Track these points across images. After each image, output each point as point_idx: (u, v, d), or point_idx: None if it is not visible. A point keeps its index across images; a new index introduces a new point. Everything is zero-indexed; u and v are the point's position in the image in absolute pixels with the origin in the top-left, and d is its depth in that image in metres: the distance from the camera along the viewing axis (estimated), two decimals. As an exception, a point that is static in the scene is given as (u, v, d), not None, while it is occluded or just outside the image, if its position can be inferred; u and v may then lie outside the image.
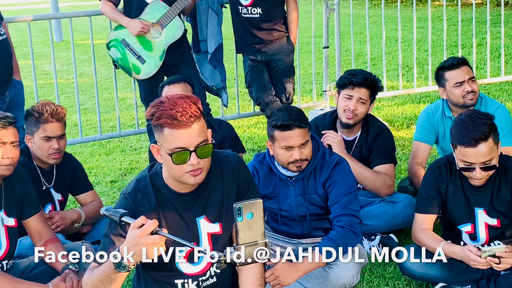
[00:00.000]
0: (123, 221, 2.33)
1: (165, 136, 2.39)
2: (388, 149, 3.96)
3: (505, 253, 2.93)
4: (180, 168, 2.42)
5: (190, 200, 2.57)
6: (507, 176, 3.17)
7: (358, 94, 3.90)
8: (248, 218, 2.14)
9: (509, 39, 8.77)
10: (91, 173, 5.46)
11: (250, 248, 2.16)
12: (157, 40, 4.74)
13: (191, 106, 2.38)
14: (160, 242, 2.25)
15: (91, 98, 8.26)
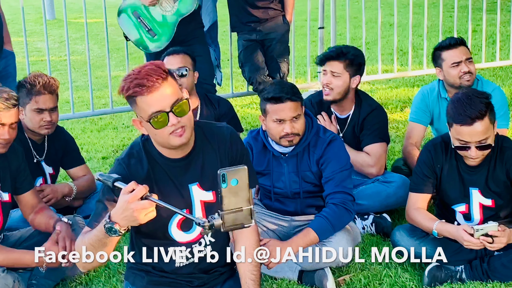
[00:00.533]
0: (115, 186, 2.34)
1: (139, 105, 2.40)
2: (377, 127, 3.92)
3: (497, 232, 2.93)
4: (163, 132, 2.42)
5: (182, 166, 2.57)
6: (503, 157, 3.16)
7: (329, 67, 3.89)
8: (233, 184, 2.14)
9: (504, 26, 8.75)
10: (83, 149, 5.42)
11: (234, 214, 2.16)
12: (169, 14, 4.66)
13: (156, 69, 2.39)
14: (150, 208, 2.26)
15: (83, 76, 8.20)
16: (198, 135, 2.60)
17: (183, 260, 2.65)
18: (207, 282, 2.73)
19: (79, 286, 3.35)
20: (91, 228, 2.45)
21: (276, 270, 3.25)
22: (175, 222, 2.60)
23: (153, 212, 2.29)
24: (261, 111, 3.40)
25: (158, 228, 2.58)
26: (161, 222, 2.57)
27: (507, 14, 8.40)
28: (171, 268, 2.66)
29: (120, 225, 2.29)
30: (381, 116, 3.99)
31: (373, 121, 3.93)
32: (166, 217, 2.56)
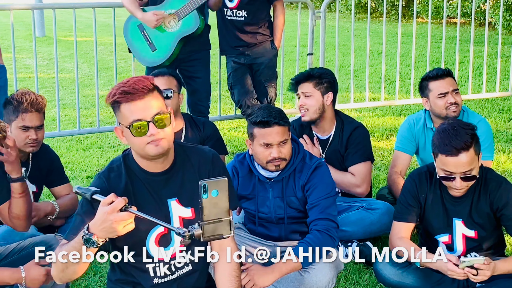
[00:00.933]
0: (94, 198, 2.36)
1: (122, 112, 2.46)
2: (361, 146, 3.99)
3: (483, 265, 2.93)
4: (141, 140, 2.46)
5: (161, 180, 2.59)
6: (487, 188, 3.17)
7: (300, 90, 4.05)
8: (213, 195, 2.18)
9: (491, 58, 8.85)
10: (68, 168, 5.39)
11: (214, 225, 2.19)
12: (171, 31, 4.72)
13: (143, 80, 2.47)
14: (128, 219, 2.29)
15: (70, 94, 8.18)
16: (180, 154, 2.63)
17: (161, 275, 2.64)
18: None
19: (58, 305, 3.31)
20: (68, 241, 2.45)
21: (257, 297, 3.23)
22: (153, 238, 2.60)
23: (131, 224, 2.31)
24: (248, 135, 3.40)
25: (136, 244, 2.58)
26: (139, 238, 2.57)
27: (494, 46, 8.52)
28: (150, 285, 2.64)
29: (98, 236, 2.30)
30: (364, 134, 4.06)
31: (357, 140, 3.99)
32: (144, 232, 2.57)
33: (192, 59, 4.83)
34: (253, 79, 5.17)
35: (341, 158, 4.02)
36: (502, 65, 7.58)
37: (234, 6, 5.02)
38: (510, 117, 6.71)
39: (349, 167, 3.99)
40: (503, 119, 6.63)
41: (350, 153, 3.98)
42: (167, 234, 2.60)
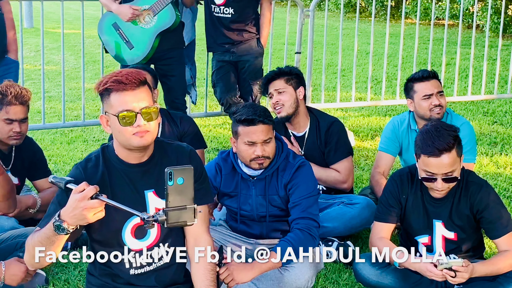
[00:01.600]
0: (67, 187, 2.41)
1: (111, 101, 2.50)
2: (341, 143, 4.07)
3: (461, 267, 2.95)
4: (127, 130, 2.50)
5: (139, 172, 2.62)
6: (468, 191, 3.19)
7: (273, 87, 4.09)
8: (179, 183, 2.23)
9: (478, 61, 8.90)
10: (51, 161, 5.37)
11: (178, 212, 2.24)
12: (147, 27, 4.68)
13: (136, 73, 2.52)
14: (99, 207, 2.34)
15: (56, 86, 8.14)
16: (158, 148, 2.66)
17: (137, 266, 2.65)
18: None
19: (37, 299, 3.31)
20: (41, 228, 2.49)
21: (236, 295, 3.24)
22: (129, 229, 2.62)
23: (102, 212, 2.36)
24: (232, 133, 3.41)
25: (112, 235, 2.61)
26: (115, 229, 2.60)
27: (481, 49, 8.58)
28: (127, 276, 2.66)
29: (69, 223, 2.35)
30: (341, 129, 4.14)
31: (336, 137, 4.07)
32: (119, 223, 2.60)
33: (167, 58, 4.81)
34: (238, 77, 5.18)
35: (320, 153, 4.08)
36: (488, 68, 7.62)
37: (222, 3, 5.02)
38: (494, 120, 6.75)
39: (332, 165, 4.05)
40: (487, 121, 6.67)
41: (331, 151, 4.04)
42: (143, 225, 2.60)
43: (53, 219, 2.37)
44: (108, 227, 2.56)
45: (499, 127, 6.48)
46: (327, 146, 4.06)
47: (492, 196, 3.20)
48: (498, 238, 3.16)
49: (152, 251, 2.67)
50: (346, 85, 8.17)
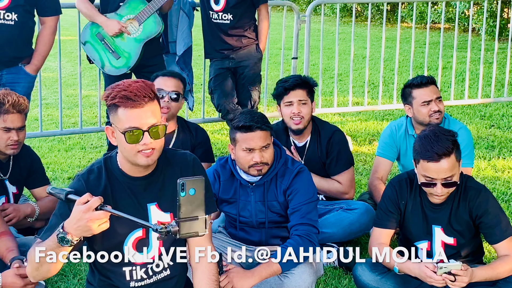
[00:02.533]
0: (69, 198, 2.39)
1: (119, 116, 2.46)
2: (342, 154, 4.05)
3: (460, 271, 2.95)
4: (133, 148, 2.48)
5: (142, 185, 2.60)
6: (466, 196, 3.19)
7: (296, 97, 3.99)
8: (191, 194, 2.23)
9: (474, 64, 8.93)
10: (49, 169, 5.36)
11: (190, 222, 2.24)
12: (133, 36, 4.67)
13: (146, 88, 2.46)
14: (104, 218, 2.32)
15: (54, 93, 8.13)
16: (162, 158, 2.63)
17: (137, 279, 2.64)
18: None
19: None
20: (43, 240, 2.46)
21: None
22: (131, 242, 2.61)
23: (106, 223, 2.34)
24: (230, 140, 3.40)
25: (113, 247, 2.59)
26: (117, 241, 2.59)
27: (477, 52, 8.60)
28: None
29: (73, 235, 2.33)
30: (342, 139, 4.12)
31: (337, 147, 4.05)
32: (122, 235, 2.58)
33: (150, 65, 4.78)
34: (236, 83, 5.17)
35: (320, 164, 4.06)
36: (485, 71, 7.64)
37: (220, 9, 5.01)
38: (491, 123, 6.77)
39: (334, 176, 4.04)
40: (484, 125, 6.68)
41: (333, 162, 4.03)
42: (145, 238, 2.60)
43: (57, 231, 2.35)
44: (110, 239, 2.54)
45: (497, 131, 6.49)
46: (328, 156, 4.04)
47: (491, 201, 3.20)
48: (498, 243, 3.16)
49: (153, 264, 2.65)
50: (343, 89, 8.18)
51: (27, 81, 4.49)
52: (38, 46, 4.47)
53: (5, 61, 4.37)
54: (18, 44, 4.38)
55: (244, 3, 5.03)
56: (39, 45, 4.47)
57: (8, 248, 3.20)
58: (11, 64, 4.39)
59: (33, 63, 4.47)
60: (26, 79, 4.47)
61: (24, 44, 4.43)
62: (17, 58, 4.41)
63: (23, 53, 4.43)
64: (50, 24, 4.48)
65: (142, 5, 4.62)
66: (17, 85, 4.41)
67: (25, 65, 4.44)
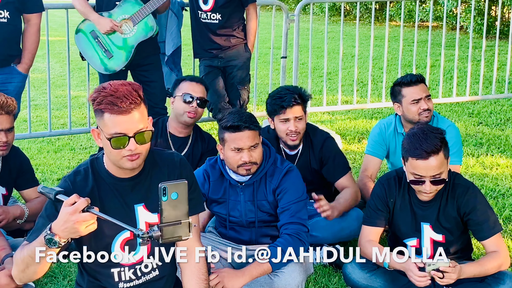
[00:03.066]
0: (57, 198, 2.37)
1: (105, 121, 2.44)
2: (339, 158, 4.01)
3: (448, 268, 2.97)
4: (118, 153, 2.47)
5: (129, 186, 2.60)
6: (454, 193, 3.21)
7: (292, 114, 3.91)
8: (173, 198, 2.21)
9: (462, 62, 8.97)
10: (38, 170, 5.35)
11: (173, 227, 2.23)
12: (127, 36, 4.66)
13: (132, 93, 2.44)
14: (91, 220, 2.31)
15: (42, 95, 8.11)
16: (149, 159, 2.63)
17: (126, 279, 2.64)
18: None
19: (27, 311, 3.29)
20: (30, 242, 2.45)
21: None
22: (119, 243, 2.60)
23: (94, 225, 2.33)
24: (219, 140, 3.41)
25: (102, 249, 2.59)
26: (105, 242, 2.58)
27: (466, 50, 8.62)
28: None
29: (60, 237, 2.32)
30: (335, 145, 4.09)
31: (332, 153, 4.01)
32: (109, 237, 2.58)
33: (146, 64, 4.80)
34: (226, 82, 5.17)
35: (312, 172, 4.02)
36: (473, 69, 7.68)
37: (209, 9, 5.01)
38: (479, 121, 6.81)
39: (336, 181, 3.99)
40: (472, 123, 6.72)
41: (331, 169, 3.99)
42: (133, 239, 2.60)
43: (44, 233, 2.34)
44: (98, 241, 2.54)
45: (485, 128, 6.53)
46: (324, 164, 4.01)
47: (479, 198, 3.22)
48: (486, 240, 3.19)
49: (141, 265, 2.65)
50: (332, 88, 8.20)
51: (19, 81, 4.48)
52: (27, 45, 4.46)
53: (0, 60, 4.35)
54: (11, 43, 4.37)
55: (233, 3, 5.03)
56: (27, 43, 4.46)
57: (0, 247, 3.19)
58: (5, 64, 4.38)
59: (23, 62, 4.46)
60: (18, 78, 4.47)
61: (16, 42, 4.43)
62: (11, 57, 4.40)
63: (15, 52, 4.43)
64: (35, 21, 4.48)
65: (138, 6, 4.62)
66: (9, 85, 4.40)
67: (16, 64, 4.43)
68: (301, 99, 3.93)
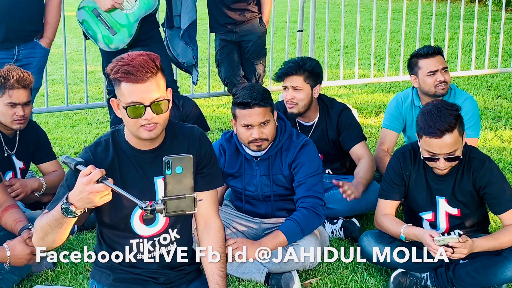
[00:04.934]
0: (77, 169, 2.38)
1: (121, 90, 2.45)
2: (354, 126, 4.00)
3: (458, 244, 2.96)
4: (135, 122, 2.48)
5: (149, 158, 2.61)
6: (470, 167, 3.19)
7: (290, 83, 3.90)
8: (178, 172, 2.20)
9: (481, 35, 8.86)
10: (56, 144, 5.39)
11: (177, 201, 2.22)
12: (129, 12, 4.65)
13: (149, 62, 2.44)
14: (105, 191, 2.31)
15: (59, 69, 8.14)
16: (169, 132, 2.64)
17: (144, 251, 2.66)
18: (173, 280, 2.74)
19: (45, 282, 3.34)
20: (49, 211, 2.48)
21: (243, 271, 3.28)
22: (137, 215, 2.62)
23: (108, 196, 2.33)
24: (232, 115, 3.40)
25: (120, 220, 2.62)
26: (123, 214, 2.61)
27: (484, 23, 8.53)
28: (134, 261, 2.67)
29: (76, 207, 2.34)
30: (351, 114, 4.08)
31: (348, 121, 4.00)
32: (128, 209, 2.60)
33: (146, 38, 4.74)
34: (241, 57, 5.16)
35: (327, 142, 4.02)
36: (492, 42, 7.59)
37: (223, -17, 4.98)
38: (498, 94, 6.74)
39: (351, 149, 3.97)
40: (491, 96, 6.66)
41: (347, 135, 3.97)
42: None
43: (61, 202, 2.36)
44: (117, 212, 2.57)
45: (503, 101, 6.46)
46: (341, 133, 3.99)
47: (495, 171, 3.20)
48: (502, 213, 3.17)
49: (160, 237, 2.67)
50: (349, 62, 8.14)
51: (42, 55, 4.52)
52: (48, 19, 4.49)
53: (23, 35, 4.38)
54: (33, 18, 4.40)
55: (247, -23, 5.00)
56: (49, 17, 4.49)
57: (16, 219, 3.22)
58: (28, 39, 4.40)
59: (46, 36, 4.49)
60: (41, 53, 4.50)
61: (38, 17, 4.45)
62: (34, 32, 4.43)
63: (38, 27, 4.45)
64: None
65: None
66: (33, 60, 4.44)
67: (39, 39, 4.46)
68: (302, 70, 3.89)
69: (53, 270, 3.41)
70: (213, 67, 6.20)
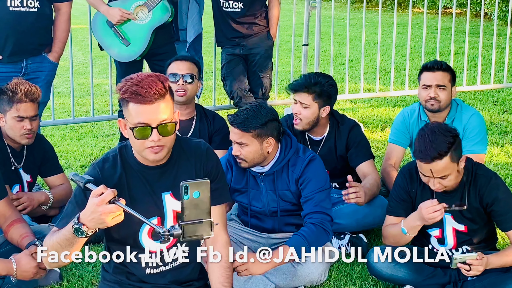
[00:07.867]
0: (87, 187, 2.39)
1: (129, 110, 2.46)
2: (363, 143, 4.00)
3: (475, 261, 2.96)
4: (141, 143, 2.48)
5: (156, 174, 2.61)
6: (476, 184, 3.18)
7: (298, 98, 3.90)
8: (195, 197, 2.19)
9: (486, 49, 8.87)
10: (62, 157, 5.39)
11: (194, 226, 2.22)
12: (142, 23, 4.66)
13: (157, 83, 2.44)
14: (117, 212, 2.31)
15: (65, 82, 8.16)
16: (176, 147, 2.64)
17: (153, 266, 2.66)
18: None
19: (52, 296, 3.33)
20: (60, 228, 2.48)
21: (250, 286, 3.26)
22: (146, 230, 2.62)
23: (120, 216, 2.33)
24: None
25: (129, 236, 2.62)
26: (132, 230, 2.60)
27: (490, 37, 8.54)
28: (142, 274, 2.68)
29: (88, 227, 2.34)
30: (361, 133, 4.07)
31: (357, 139, 3.99)
32: (137, 224, 2.59)
33: (161, 53, 4.75)
34: (248, 70, 5.16)
35: (335, 158, 4.01)
36: (497, 57, 7.59)
37: (230, -2, 5.00)
38: (504, 109, 6.73)
39: (358, 166, 3.96)
40: (497, 111, 6.65)
41: (355, 153, 3.97)
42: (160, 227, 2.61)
43: (72, 222, 2.36)
44: (126, 228, 2.56)
45: (510, 116, 6.46)
46: (349, 149, 3.98)
47: (501, 188, 3.19)
48: (510, 230, 3.16)
49: (169, 252, 2.67)
50: (354, 76, 8.15)
51: (50, 69, 4.52)
52: (57, 33, 4.50)
53: (31, 49, 4.38)
54: (41, 32, 4.40)
55: (254, -9, 5.01)
56: (58, 32, 4.50)
57: (22, 234, 3.22)
58: (36, 53, 4.40)
59: (54, 50, 4.50)
60: (50, 67, 4.51)
61: (46, 31, 4.45)
62: (42, 46, 4.43)
63: (46, 41, 4.46)
64: (65, 10, 4.50)
65: None
66: (41, 74, 4.44)
67: (47, 53, 4.47)
68: (311, 88, 3.87)
69: (60, 284, 3.40)
70: (218, 80, 6.21)
